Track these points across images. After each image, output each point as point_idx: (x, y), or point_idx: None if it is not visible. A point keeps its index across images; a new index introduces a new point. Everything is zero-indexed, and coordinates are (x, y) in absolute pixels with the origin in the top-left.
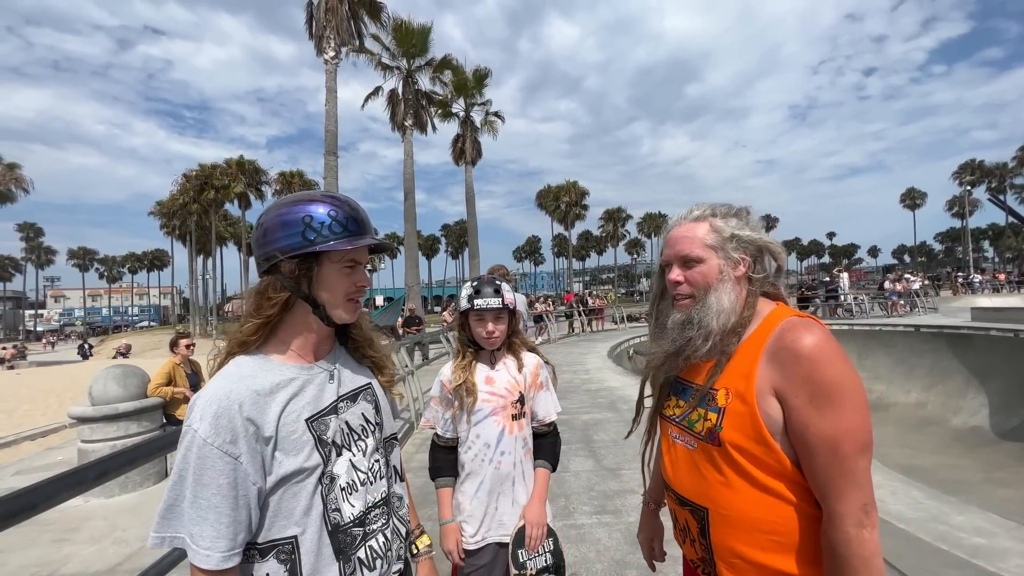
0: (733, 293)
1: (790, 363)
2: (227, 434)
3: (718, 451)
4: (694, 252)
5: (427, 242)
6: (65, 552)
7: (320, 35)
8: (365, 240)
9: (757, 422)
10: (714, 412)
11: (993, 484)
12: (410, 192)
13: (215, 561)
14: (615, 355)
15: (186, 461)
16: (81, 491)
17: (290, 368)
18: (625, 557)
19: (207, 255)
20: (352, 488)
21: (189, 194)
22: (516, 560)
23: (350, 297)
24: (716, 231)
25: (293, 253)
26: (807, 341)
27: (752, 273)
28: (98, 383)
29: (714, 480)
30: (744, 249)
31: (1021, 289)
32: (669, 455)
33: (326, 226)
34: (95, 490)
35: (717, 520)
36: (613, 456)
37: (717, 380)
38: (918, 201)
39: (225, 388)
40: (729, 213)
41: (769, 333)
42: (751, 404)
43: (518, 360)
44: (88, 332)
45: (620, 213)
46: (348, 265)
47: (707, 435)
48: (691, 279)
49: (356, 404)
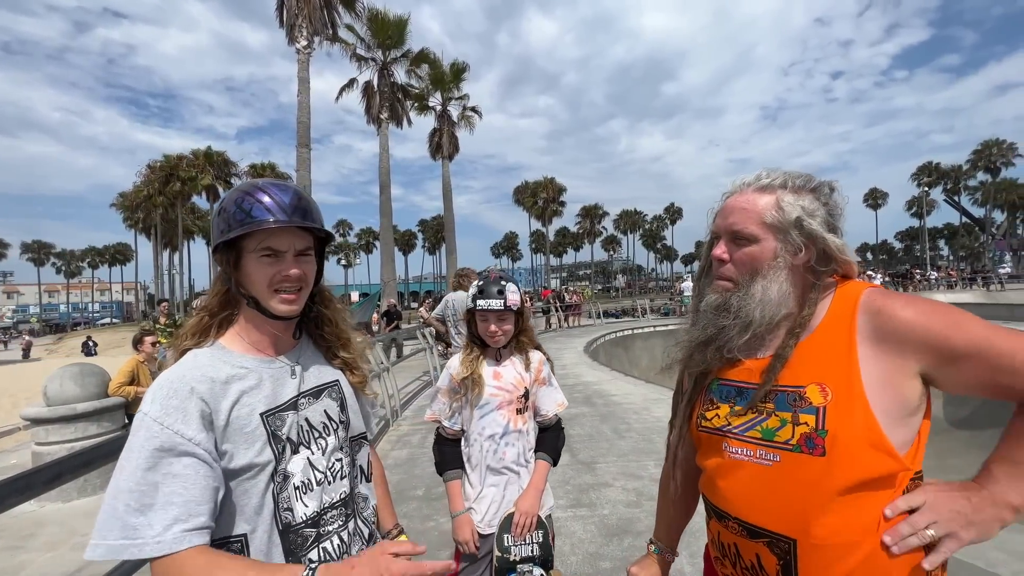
0: (787, 283)
1: (918, 335)
2: (178, 415)
3: (820, 462)
4: (748, 229)
5: (404, 237)
6: (19, 559)
7: (292, 23)
8: (249, 226)
9: (871, 419)
10: (808, 414)
11: (946, 471)
12: (386, 186)
13: (168, 542)
14: (591, 350)
15: (130, 447)
16: (32, 495)
17: (248, 360)
18: (599, 550)
19: (173, 249)
20: (307, 487)
21: (154, 186)
22: (501, 543)
23: (275, 288)
24: (782, 209)
25: (214, 244)
26: (911, 311)
27: (817, 264)
28: (53, 382)
29: (810, 501)
30: (811, 238)
31: (973, 286)
32: (726, 476)
33: (233, 214)
34: (51, 494)
35: (810, 554)
36: (588, 450)
37: (790, 376)
38: (880, 201)
39: (178, 373)
40: (805, 187)
41: (854, 313)
42: (860, 398)
43: (525, 358)
44: (44, 330)
45: (597, 210)
46: (265, 254)
47: (802, 443)
48: (738, 260)
49: (319, 401)
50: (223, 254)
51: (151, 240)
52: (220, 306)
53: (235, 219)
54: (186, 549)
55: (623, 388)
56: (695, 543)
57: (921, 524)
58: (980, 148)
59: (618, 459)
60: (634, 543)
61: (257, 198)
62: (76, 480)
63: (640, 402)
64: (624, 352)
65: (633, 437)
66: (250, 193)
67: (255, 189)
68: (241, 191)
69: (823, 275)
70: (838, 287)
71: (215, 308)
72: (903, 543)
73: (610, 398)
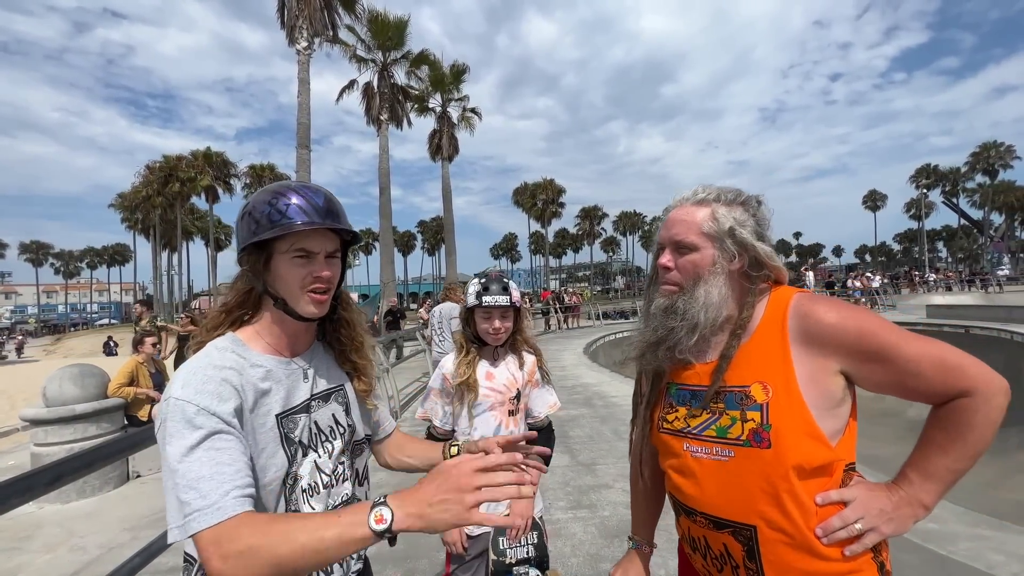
0: (725, 287)
1: (838, 338)
2: (213, 397)
3: (768, 454)
4: (688, 238)
5: (403, 239)
6: (17, 561)
7: (292, 24)
8: (284, 228)
9: (806, 412)
10: (754, 411)
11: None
12: (385, 187)
13: (228, 506)
14: (591, 352)
15: (169, 433)
16: (33, 496)
17: (266, 359)
18: (600, 551)
19: (172, 250)
20: (314, 490)
21: (153, 186)
22: (496, 547)
23: (308, 289)
24: (716, 220)
25: (243, 245)
26: (832, 315)
27: (750, 270)
28: (52, 383)
29: (763, 490)
30: (743, 245)
31: (971, 287)
32: (689, 475)
33: (266, 216)
34: (50, 496)
35: (769, 537)
36: (588, 452)
37: (736, 376)
38: (879, 203)
39: (206, 362)
40: (735, 201)
41: (785, 316)
42: (795, 394)
43: (519, 357)
44: (41, 330)
45: (596, 211)
46: (298, 255)
47: (751, 438)
48: (682, 267)
49: (327, 405)
50: (253, 255)
51: (150, 241)
52: (238, 305)
53: (268, 220)
54: (241, 513)
55: (623, 390)
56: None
57: (851, 519)
58: (978, 150)
59: (618, 460)
60: None
61: (290, 199)
62: (75, 482)
63: None
64: (623, 354)
65: None
66: (282, 194)
67: (287, 190)
68: (272, 192)
69: (757, 280)
70: (772, 292)
71: (232, 306)
72: (833, 536)
73: (610, 399)
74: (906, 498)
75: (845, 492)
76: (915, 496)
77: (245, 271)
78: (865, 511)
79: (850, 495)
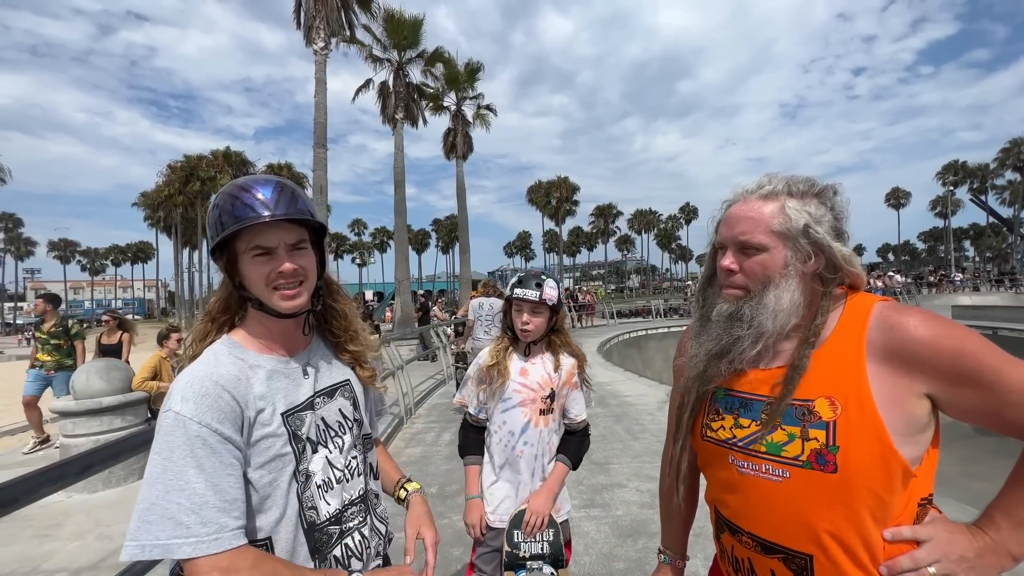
0: (798, 291)
1: (930, 357)
2: (214, 413)
3: (833, 479)
4: (756, 238)
5: (417, 237)
6: (47, 548)
7: (309, 25)
8: (233, 227)
9: (884, 435)
10: (818, 429)
11: (969, 477)
12: (400, 186)
13: (225, 539)
14: (605, 351)
15: (170, 446)
16: (64, 485)
17: (263, 359)
18: (613, 550)
19: (193, 248)
20: (328, 486)
21: (174, 185)
22: (511, 539)
23: (274, 286)
24: (788, 216)
25: (210, 252)
26: (925, 330)
27: (826, 272)
28: (80, 377)
29: (824, 518)
30: (819, 246)
31: (1000, 288)
32: (737, 490)
33: (217, 220)
34: (77, 485)
35: (826, 570)
36: (602, 451)
37: (803, 389)
38: (902, 201)
39: (204, 371)
40: (809, 192)
41: (864, 327)
42: (871, 414)
43: (556, 358)
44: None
45: (611, 209)
46: (257, 253)
47: (813, 460)
48: (748, 270)
49: (333, 400)
50: (220, 260)
51: (172, 239)
52: (221, 310)
53: (220, 222)
54: (237, 547)
55: (637, 389)
56: (709, 546)
57: (925, 562)
58: (1009, 146)
59: (632, 460)
60: (648, 544)
61: (238, 197)
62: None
63: (654, 403)
64: (638, 352)
65: (647, 438)
66: (231, 194)
67: (236, 189)
68: (224, 193)
69: (832, 283)
70: (848, 298)
71: (216, 313)
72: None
73: (624, 399)
74: (992, 545)
75: (920, 530)
76: (1003, 544)
77: (224, 277)
78: (943, 555)
79: (925, 534)
